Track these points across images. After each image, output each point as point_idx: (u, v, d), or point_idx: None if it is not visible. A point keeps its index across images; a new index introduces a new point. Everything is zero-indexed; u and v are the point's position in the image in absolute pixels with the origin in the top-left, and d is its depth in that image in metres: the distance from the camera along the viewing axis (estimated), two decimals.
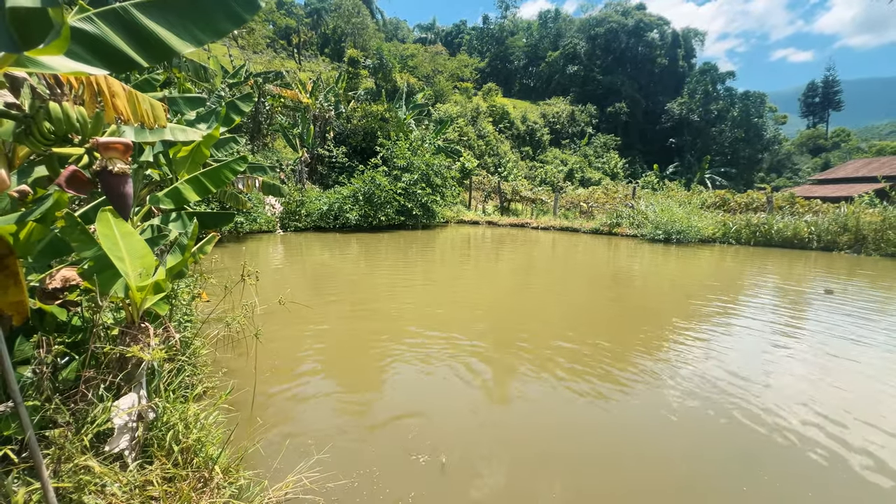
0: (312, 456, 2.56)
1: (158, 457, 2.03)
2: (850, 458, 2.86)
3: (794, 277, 9.16)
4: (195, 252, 2.88)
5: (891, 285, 8.47)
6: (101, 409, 2.08)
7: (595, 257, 11.68)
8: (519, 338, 5.12)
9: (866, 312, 6.35)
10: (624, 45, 61.60)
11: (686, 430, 3.22)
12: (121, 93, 2.11)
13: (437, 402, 3.59)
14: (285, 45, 53.61)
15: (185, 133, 3.77)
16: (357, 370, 4.16)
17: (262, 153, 20.00)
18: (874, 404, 3.64)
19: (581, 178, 43.11)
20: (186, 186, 4.00)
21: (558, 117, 52.52)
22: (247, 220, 13.56)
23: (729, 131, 55.77)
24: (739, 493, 2.52)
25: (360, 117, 21.90)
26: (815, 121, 76.71)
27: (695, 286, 8.20)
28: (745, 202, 17.51)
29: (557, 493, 2.48)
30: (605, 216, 17.96)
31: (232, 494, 2.10)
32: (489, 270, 9.56)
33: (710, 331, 5.47)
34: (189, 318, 3.76)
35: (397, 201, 16.14)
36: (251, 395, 3.38)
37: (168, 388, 2.63)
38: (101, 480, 1.76)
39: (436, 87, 41.72)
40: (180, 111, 4.54)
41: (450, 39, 78.47)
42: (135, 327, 2.35)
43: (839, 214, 13.64)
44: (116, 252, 2.33)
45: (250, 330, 3.93)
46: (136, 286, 2.26)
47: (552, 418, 3.38)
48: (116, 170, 1.84)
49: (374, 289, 7.48)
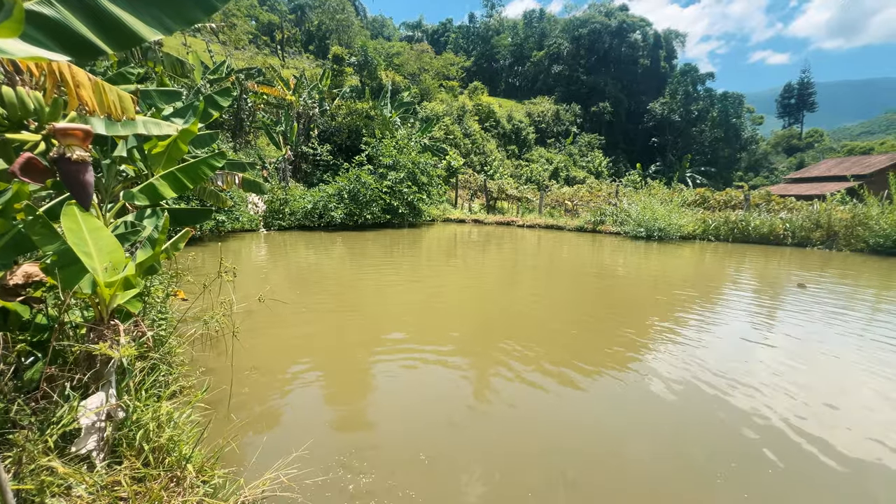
0: (291, 453, 2.53)
1: (128, 457, 1.97)
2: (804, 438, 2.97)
3: (769, 273, 9.44)
4: (168, 248, 2.80)
5: (857, 280, 8.82)
6: (67, 409, 2.01)
7: (580, 254, 11.81)
8: (504, 335, 5.15)
9: (836, 306, 6.59)
10: (607, 45, 62.42)
11: (665, 421, 3.29)
12: (86, 82, 2.03)
13: (417, 399, 3.58)
14: (268, 42, 52.71)
15: (160, 127, 3.66)
16: (339, 368, 4.11)
17: (245, 151, 19.61)
18: (838, 384, 4.01)
19: (566, 176, 43.60)
20: (162, 182, 3.89)
21: (543, 116, 52.96)
22: (229, 219, 13.26)
23: (709, 131, 57.12)
24: (714, 485, 2.59)
25: (344, 115, 21.67)
26: (790, 121, 79.16)
27: (676, 281, 8.36)
28: (724, 200, 17.97)
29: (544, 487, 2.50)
30: (590, 214, 18.18)
31: (206, 493, 2.05)
32: (476, 268, 9.58)
33: (688, 325, 5.59)
34: (164, 316, 3.66)
35: (383, 199, 16.03)
36: (229, 393, 3.31)
37: (141, 386, 2.56)
38: (65, 482, 1.70)
39: (422, 86, 41.62)
40: (155, 105, 4.42)
41: (436, 38, 78.35)
42: (104, 325, 2.28)
43: (812, 212, 14.11)
44: (83, 247, 2.26)
45: (230, 328, 3.86)
46: (104, 282, 2.19)
47: (531, 415, 3.40)
48: (75, 157, 1.76)
49: (358, 288, 7.42)
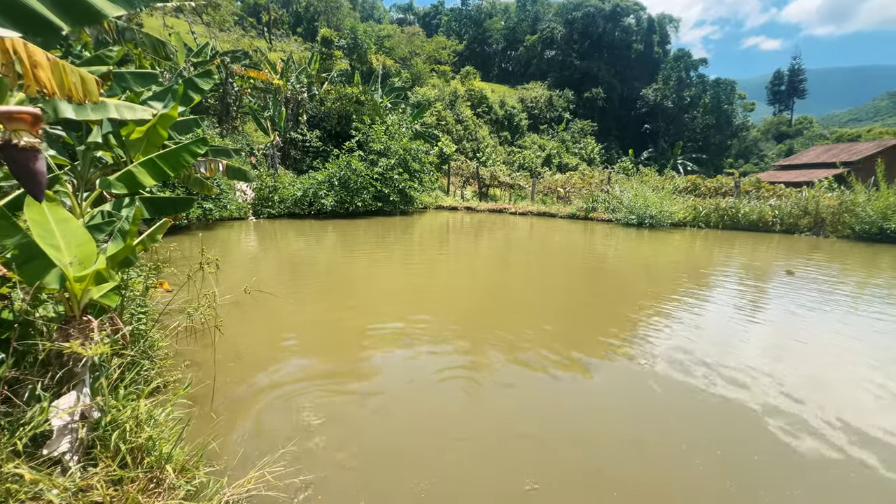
0: (277, 450, 2.47)
1: (103, 459, 1.90)
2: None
3: (758, 259, 9.52)
4: (144, 240, 2.68)
5: (842, 267, 8.96)
6: (38, 410, 1.92)
7: (571, 241, 11.81)
8: (497, 324, 5.12)
9: (821, 292, 6.68)
10: (601, 29, 61.66)
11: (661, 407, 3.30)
12: (44, 62, 1.88)
13: (409, 393, 3.54)
14: (255, 24, 51.08)
15: (134, 111, 3.49)
16: (328, 361, 4.05)
17: (232, 137, 19.13)
18: (819, 363, 4.14)
19: (558, 163, 43.47)
20: (141, 170, 3.73)
21: (536, 102, 52.46)
22: (216, 207, 12.96)
23: (700, 118, 57.19)
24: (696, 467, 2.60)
25: (334, 100, 21.18)
26: (780, 108, 79.53)
27: (667, 268, 8.40)
28: (715, 187, 18.05)
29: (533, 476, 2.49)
30: (582, 201, 18.16)
31: (188, 493, 1.99)
32: (468, 256, 9.53)
33: (679, 309, 5.61)
34: (143, 309, 3.55)
35: (374, 187, 15.80)
36: (212, 388, 3.24)
37: (120, 384, 2.47)
38: (34, 487, 1.62)
39: (413, 70, 40.82)
40: (130, 88, 4.21)
41: (427, 20, 76.70)
42: (75, 321, 2.17)
43: (801, 199, 14.23)
44: (50, 240, 2.13)
45: (216, 320, 3.76)
46: (73, 276, 2.08)
47: (521, 399, 3.39)
48: (23, 143, 1.63)
49: (349, 277, 7.32)
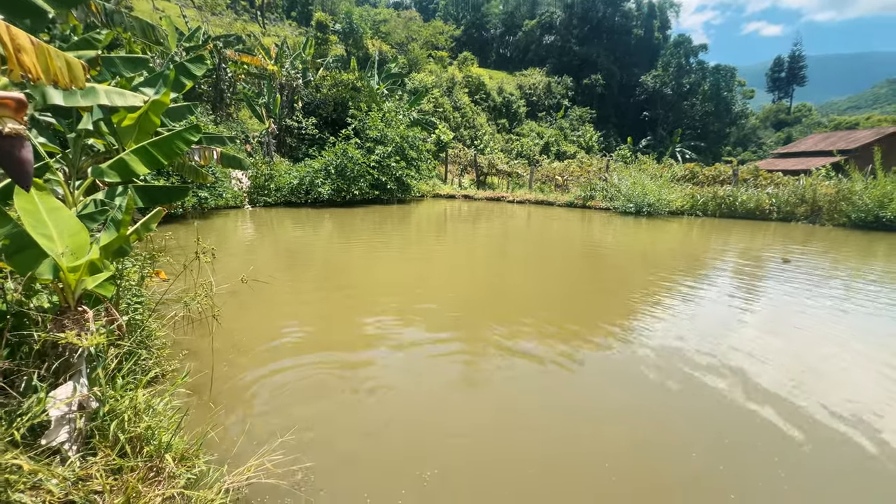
0: (276, 438, 2.49)
1: (102, 448, 1.90)
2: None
3: (755, 248, 9.56)
4: (138, 229, 2.64)
5: (837, 255, 9.01)
6: (35, 401, 1.91)
7: (569, 230, 11.80)
8: (494, 313, 5.13)
9: (816, 279, 6.73)
10: (601, 14, 60.57)
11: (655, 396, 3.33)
12: (27, 46, 1.82)
13: (407, 379, 3.56)
14: (248, 7, 49.88)
15: (124, 97, 3.41)
16: (326, 349, 4.06)
17: (226, 124, 18.83)
18: (813, 351, 4.22)
19: (557, 151, 43.14)
20: (133, 158, 3.66)
21: (535, 89, 51.80)
22: (212, 196, 12.83)
23: (700, 105, 56.68)
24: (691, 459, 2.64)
25: (329, 86, 20.83)
26: (779, 95, 78.87)
27: (664, 256, 8.42)
28: (713, 175, 18.01)
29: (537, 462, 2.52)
30: (580, 189, 18.09)
31: (188, 482, 2.01)
32: (466, 244, 9.51)
33: (675, 298, 5.64)
34: (139, 299, 3.53)
35: (371, 175, 15.66)
36: (210, 377, 3.24)
37: (118, 374, 2.47)
38: (33, 477, 1.62)
39: (410, 56, 40.13)
40: (119, 73, 4.12)
41: (424, 5, 74.97)
42: (71, 312, 2.15)
43: (798, 187, 14.23)
44: (42, 229, 2.10)
45: (211, 310, 3.75)
46: (67, 266, 2.05)
47: (519, 387, 3.42)
48: (7, 130, 1.59)
49: (346, 266, 7.30)
